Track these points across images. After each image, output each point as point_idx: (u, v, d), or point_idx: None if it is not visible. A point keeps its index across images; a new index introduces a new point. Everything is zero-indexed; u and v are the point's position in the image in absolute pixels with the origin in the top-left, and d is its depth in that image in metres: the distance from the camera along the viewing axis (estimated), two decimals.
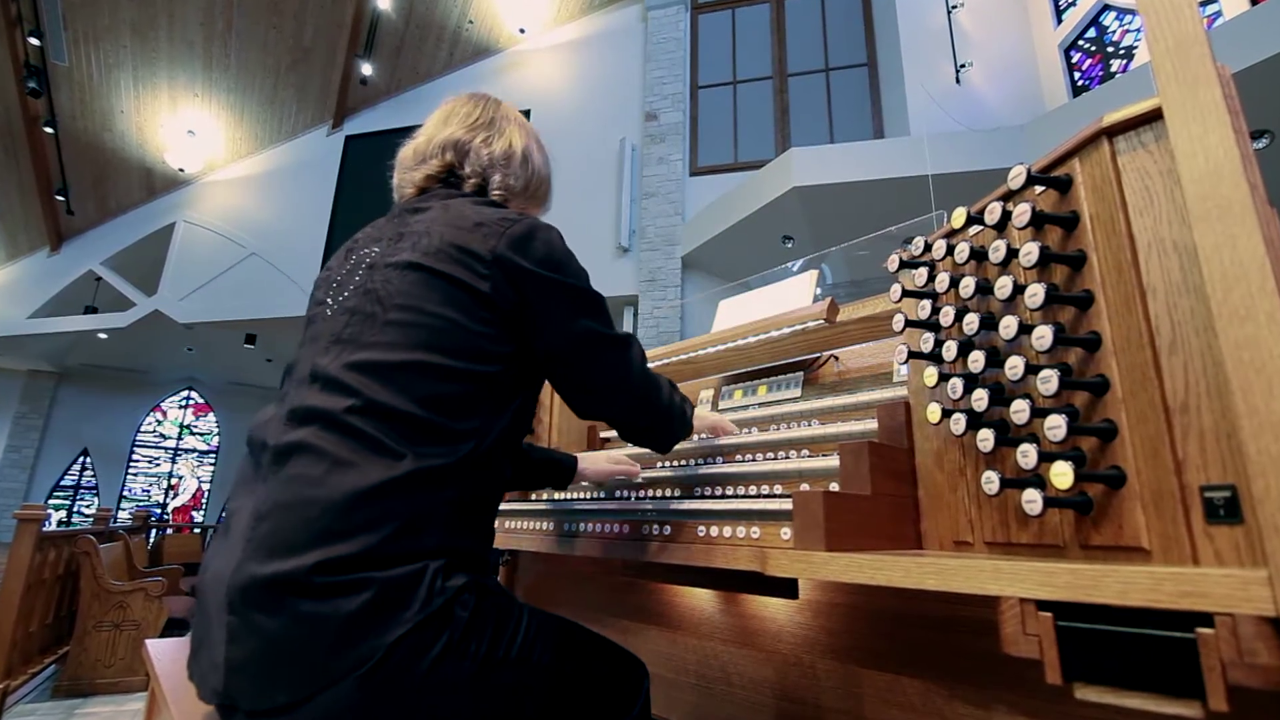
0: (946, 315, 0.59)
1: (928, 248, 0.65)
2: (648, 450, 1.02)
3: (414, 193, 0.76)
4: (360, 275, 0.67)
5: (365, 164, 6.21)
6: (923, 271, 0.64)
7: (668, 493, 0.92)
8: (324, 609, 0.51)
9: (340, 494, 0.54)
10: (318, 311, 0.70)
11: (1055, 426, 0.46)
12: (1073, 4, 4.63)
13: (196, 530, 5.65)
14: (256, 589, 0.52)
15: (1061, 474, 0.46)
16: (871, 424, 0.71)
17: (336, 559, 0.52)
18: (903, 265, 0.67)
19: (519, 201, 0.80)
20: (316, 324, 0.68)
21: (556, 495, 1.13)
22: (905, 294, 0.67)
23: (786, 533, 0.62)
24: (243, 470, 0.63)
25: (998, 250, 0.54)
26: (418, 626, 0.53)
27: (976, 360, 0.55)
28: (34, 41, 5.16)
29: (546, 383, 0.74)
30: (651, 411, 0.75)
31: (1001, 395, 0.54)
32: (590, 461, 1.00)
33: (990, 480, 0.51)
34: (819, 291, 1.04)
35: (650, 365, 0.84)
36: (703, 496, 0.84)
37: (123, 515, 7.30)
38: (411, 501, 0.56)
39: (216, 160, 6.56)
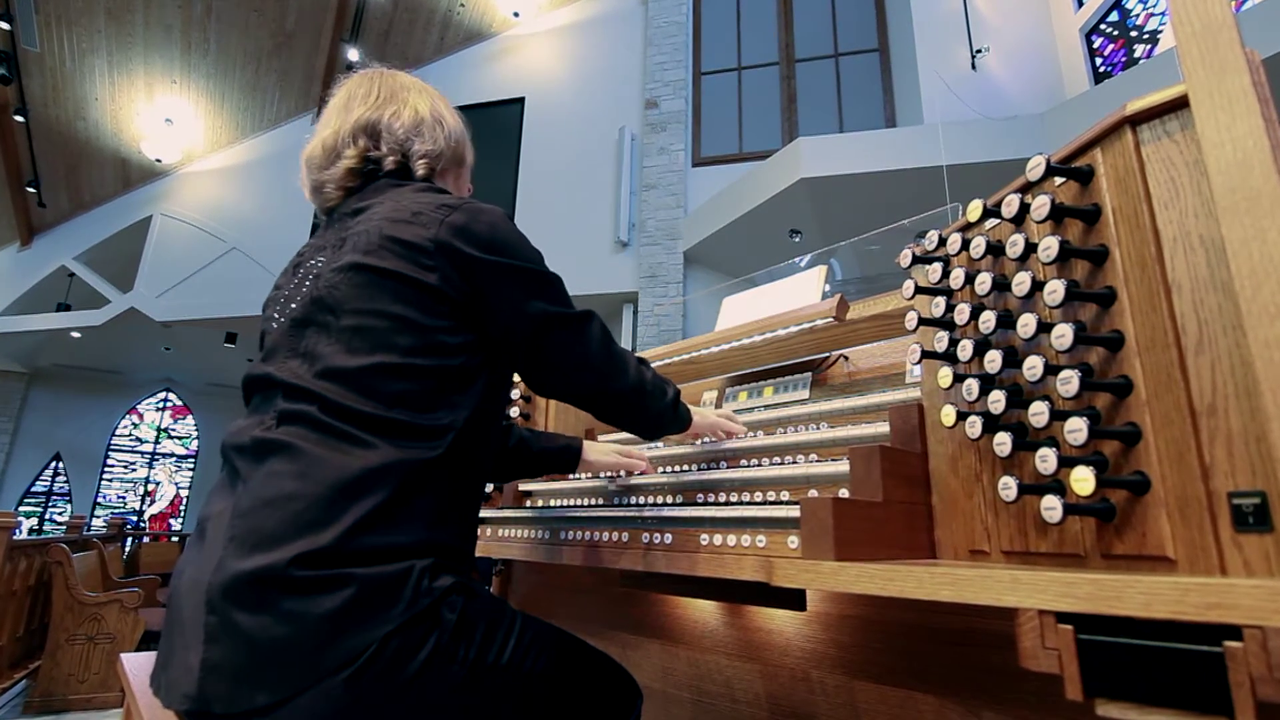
0: (962, 313, 0.58)
1: (942, 242, 0.64)
2: (654, 444, 0.99)
3: (339, 194, 0.74)
4: (307, 286, 0.67)
5: None
6: (937, 267, 0.63)
7: (668, 499, 0.90)
8: (306, 606, 0.51)
9: (323, 485, 0.55)
10: (267, 327, 0.70)
11: (1076, 430, 0.45)
12: None
13: (174, 539, 5.51)
14: (239, 585, 0.52)
15: (1082, 480, 0.44)
16: (883, 427, 0.70)
17: (316, 550, 0.52)
18: (916, 260, 0.66)
19: (446, 165, 0.79)
20: (269, 340, 0.68)
21: (552, 502, 1.11)
22: (918, 290, 0.65)
23: (794, 541, 0.60)
24: (219, 480, 0.63)
25: (1015, 245, 0.52)
26: (404, 627, 0.53)
27: (993, 360, 0.53)
28: (3, 25, 4.99)
29: None
30: (618, 387, 0.73)
31: (1019, 397, 0.52)
32: (595, 451, 0.97)
33: (1007, 486, 0.49)
34: (828, 288, 1.02)
35: (651, 366, 0.82)
36: (705, 503, 0.82)
37: (97, 523, 7.11)
38: (390, 492, 0.57)
39: (195, 150, 6.41)
